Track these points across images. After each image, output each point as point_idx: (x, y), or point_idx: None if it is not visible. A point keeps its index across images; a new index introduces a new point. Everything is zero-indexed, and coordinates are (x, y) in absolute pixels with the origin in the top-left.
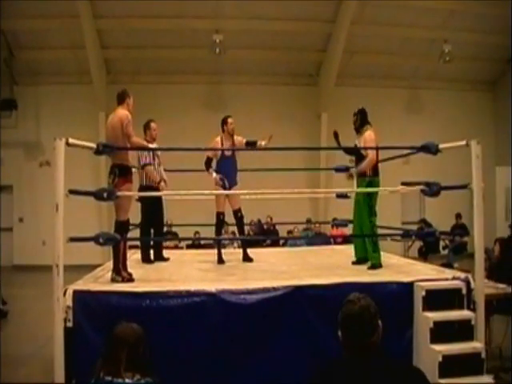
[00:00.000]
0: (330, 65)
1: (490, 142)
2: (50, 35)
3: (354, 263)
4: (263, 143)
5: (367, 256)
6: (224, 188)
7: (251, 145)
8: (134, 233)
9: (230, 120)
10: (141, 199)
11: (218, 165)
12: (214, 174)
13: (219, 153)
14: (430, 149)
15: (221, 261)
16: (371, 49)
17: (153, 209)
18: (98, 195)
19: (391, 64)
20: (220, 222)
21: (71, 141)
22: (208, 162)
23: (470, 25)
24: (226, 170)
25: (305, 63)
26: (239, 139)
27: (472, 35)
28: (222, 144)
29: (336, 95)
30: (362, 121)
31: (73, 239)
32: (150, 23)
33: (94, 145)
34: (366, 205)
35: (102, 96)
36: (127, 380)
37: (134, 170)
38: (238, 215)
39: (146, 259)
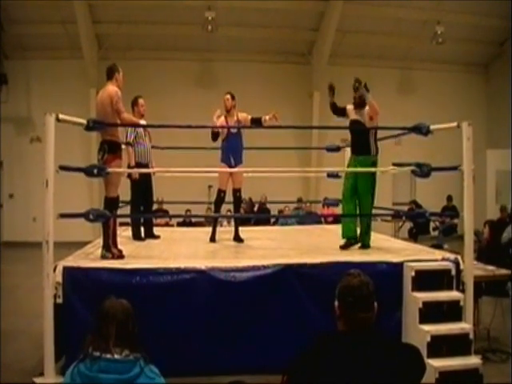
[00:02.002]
0: (323, 44)
1: (482, 125)
2: (41, 9)
3: (342, 247)
4: (267, 117)
5: (355, 236)
6: (229, 165)
7: (256, 122)
8: (125, 210)
9: (225, 97)
10: (130, 176)
11: (224, 142)
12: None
13: (225, 130)
14: (421, 130)
15: (213, 239)
16: (364, 29)
17: (143, 186)
18: (88, 171)
19: (384, 44)
20: (220, 200)
21: (61, 116)
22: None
23: (462, 7)
24: (232, 147)
25: (297, 42)
26: (244, 115)
27: (465, 17)
28: (227, 122)
29: (328, 74)
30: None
31: (63, 215)
32: None
33: (84, 121)
34: (370, 184)
35: (93, 72)
36: (116, 355)
37: (123, 146)
38: (236, 195)
39: (136, 236)
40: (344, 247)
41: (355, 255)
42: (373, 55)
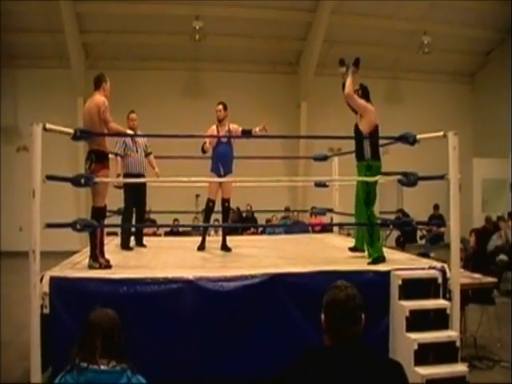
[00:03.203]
0: (310, 54)
1: (468, 134)
2: (29, 18)
3: (350, 249)
4: (257, 129)
5: (362, 248)
6: (219, 175)
7: (247, 133)
8: (112, 219)
9: (217, 107)
10: (118, 187)
11: (214, 151)
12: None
13: (215, 139)
14: (408, 139)
15: (202, 247)
16: (351, 39)
17: (133, 196)
18: (75, 181)
19: (371, 55)
20: (209, 209)
21: (48, 126)
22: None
23: (449, 17)
24: (222, 156)
25: (285, 52)
26: (235, 127)
27: (451, 27)
28: (218, 131)
29: (316, 84)
30: (363, 96)
31: (50, 225)
32: (130, 8)
33: (71, 130)
34: (364, 192)
35: (80, 81)
36: (102, 366)
37: (111, 156)
38: (225, 205)
39: (124, 246)
40: (352, 249)
41: (342, 264)
42: (360, 65)
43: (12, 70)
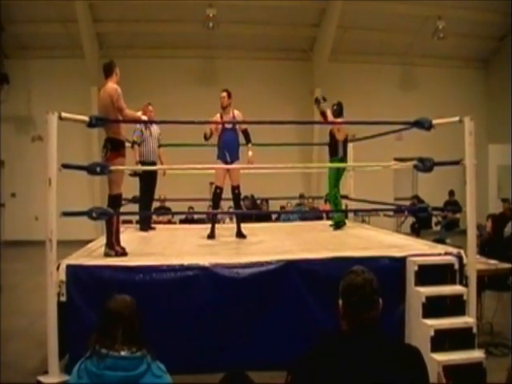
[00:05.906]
0: (324, 40)
1: (483, 120)
2: (42, 8)
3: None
4: (250, 153)
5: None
6: (225, 162)
7: (247, 137)
8: (128, 208)
9: (221, 94)
10: (139, 174)
11: (219, 138)
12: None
13: (220, 126)
14: (423, 124)
15: (212, 235)
16: (365, 25)
17: (150, 183)
18: (90, 169)
19: (385, 40)
20: (216, 196)
21: (64, 114)
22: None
23: (463, 2)
24: (227, 143)
25: (298, 38)
26: (240, 115)
27: (466, 12)
28: (222, 119)
29: (329, 71)
30: (337, 112)
31: (66, 214)
32: None
33: (86, 118)
34: (334, 177)
35: (94, 70)
36: (122, 353)
37: (127, 144)
38: (235, 192)
39: (145, 227)
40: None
41: (357, 250)
42: (374, 51)
43: (24, 61)
